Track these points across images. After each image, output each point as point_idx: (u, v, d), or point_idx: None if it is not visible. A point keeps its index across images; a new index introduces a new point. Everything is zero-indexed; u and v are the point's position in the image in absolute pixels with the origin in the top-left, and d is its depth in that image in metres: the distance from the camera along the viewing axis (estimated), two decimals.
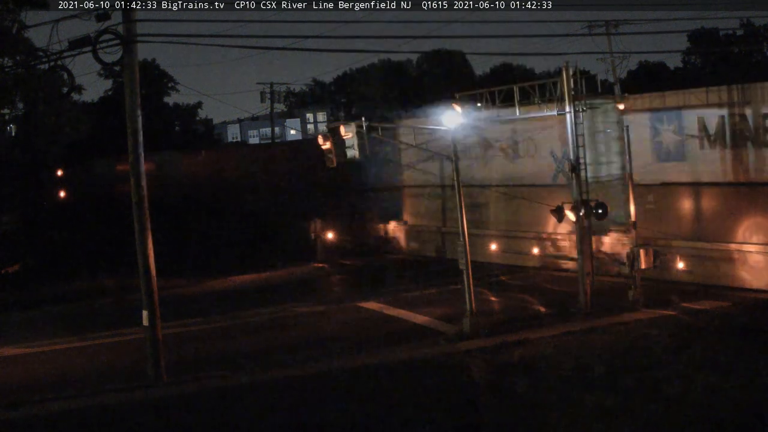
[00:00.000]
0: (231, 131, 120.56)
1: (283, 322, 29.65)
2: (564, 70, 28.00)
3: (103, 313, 33.43)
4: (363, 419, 18.56)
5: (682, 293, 28.52)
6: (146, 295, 22.22)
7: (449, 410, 18.80)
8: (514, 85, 31.07)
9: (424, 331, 26.47)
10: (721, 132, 29.80)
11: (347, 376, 22.15)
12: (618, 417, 17.38)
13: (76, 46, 21.63)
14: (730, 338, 23.10)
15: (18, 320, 32.49)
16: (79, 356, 26.22)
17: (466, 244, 25.99)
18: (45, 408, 20.62)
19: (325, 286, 37.69)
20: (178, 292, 36.57)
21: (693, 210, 31.08)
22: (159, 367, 22.16)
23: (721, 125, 29.78)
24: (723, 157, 29.86)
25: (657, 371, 20.42)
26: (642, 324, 25.22)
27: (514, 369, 21.59)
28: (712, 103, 30.10)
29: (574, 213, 27.55)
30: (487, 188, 37.96)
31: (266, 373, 22.85)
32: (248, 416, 19.34)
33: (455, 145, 26.67)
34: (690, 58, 78.00)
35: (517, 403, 18.94)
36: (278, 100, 76.01)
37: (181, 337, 27.21)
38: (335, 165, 27.23)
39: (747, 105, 29.00)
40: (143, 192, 22.29)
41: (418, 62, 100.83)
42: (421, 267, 39.37)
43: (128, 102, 22.27)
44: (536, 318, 27.02)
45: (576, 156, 27.94)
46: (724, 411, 17.42)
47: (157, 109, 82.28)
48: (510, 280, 34.59)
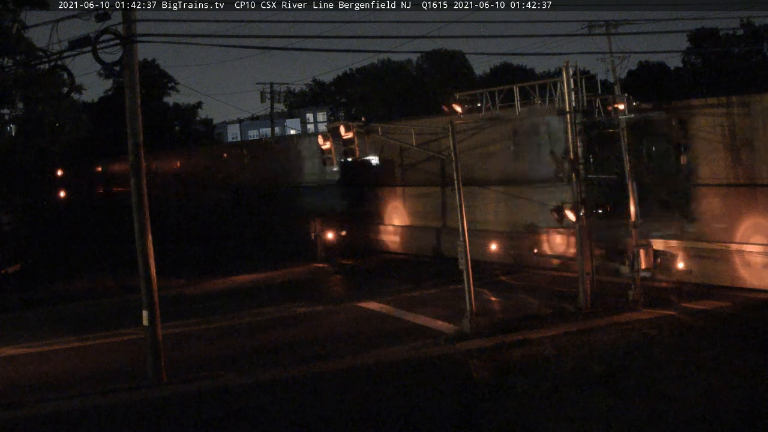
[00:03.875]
0: (231, 131, 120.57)
1: (283, 322, 29.65)
2: (564, 70, 28.01)
3: (103, 313, 33.43)
4: (363, 419, 18.57)
5: (682, 293, 28.54)
6: (146, 295, 22.22)
7: (449, 410, 18.81)
8: (514, 85, 31.07)
9: (424, 331, 26.48)
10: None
11: (347, 376, 22.15)
12: (618, 417, 17.38)
13: (76, 46, 21.63)
14: (730, 338, 23.11)
15: (18, 320, 32.48)
16: (79, 356, 26.22)
17: (466, 243, 26.01)
18: (44, 408, 20.62)
19: (325, 286, 37.68)
20: (178, 292, 36.59)
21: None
22: (159, 367, 22.15)
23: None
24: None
25: (657, 371, 20.43)
26: (642, 324, 25.21)
27: (514, 369, 21.59)
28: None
29: (573, 213, 27.55)
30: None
31: (266, 373, 22.85)
32: (248, 416, 19.34)
33: (455, 144, 26.67)
34: (690, 58, 78.00)
35: (517, 403, 18.95)
36: (278, 100, 76.02)
37: (181, 337, 27.23)
38: (335, 165, 27.25)
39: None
40: (143, 192, 22.30)
41: (418, 62, 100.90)
42: (421, 267, 39.40)
43: (128, 102, 22.27)
44: (536, 318, 27.01)
45: (576, 156, 27.92)
46: (724, 411, 17.42)
47: (157, 109, 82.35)
48: (510, 279, 34.59)
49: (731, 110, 29.46)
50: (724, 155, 29.61)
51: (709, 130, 29.79)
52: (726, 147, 29.39)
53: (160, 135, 77.13)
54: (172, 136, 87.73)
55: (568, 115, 28.03)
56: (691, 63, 78.88)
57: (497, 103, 31.31)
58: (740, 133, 29.02)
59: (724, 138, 29.45)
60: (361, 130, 26.86)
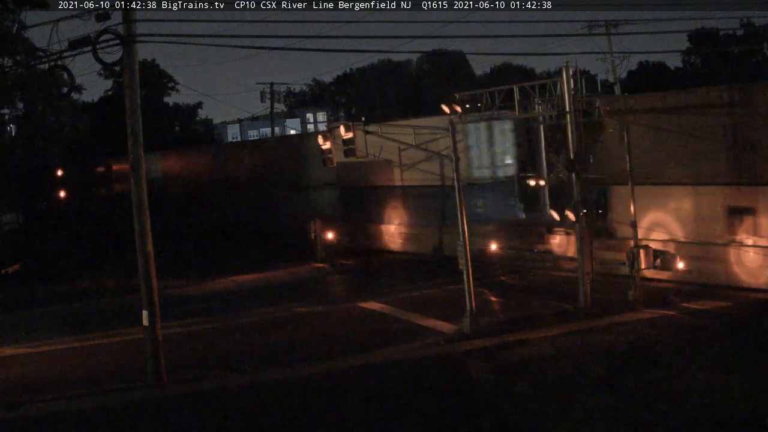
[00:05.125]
0: (231, 131, 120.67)
1: (283, 322, 29.64)
2: (564, 70, 28.00)
3: (103, 313, 33.42)
4: (362, 419, 18.57)
5: (681, 293, 28.53)
6: (146, 295, 22.20)
7: (449, 410, 18.80)
8: (514, 85, 31.06)
9: (424, 331, 26.46)
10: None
11: (347, 376, 22.15)
12: (618, 417, 17.39)
13: (76, 46, 21.63)
14: (730, 338, 23.11)
15: (18, 320, 32.47)
16: (79, 356, 26.21)
17: (467, 243, 25.99)
18: (45, 408, 20.61)
19: (325, 286, 37.68)
20: (178, 292, 36.58)
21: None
22: (159, 367, 22.14)
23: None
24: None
25: (657, 371, 20.42)
26: (642, 324, 25.21)
27: (514, 369, 21.59)
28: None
29: (573, 213, 27.55)
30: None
31: (266, 373, 22.85)
32: (248, 416, 19.34)
33: (455, 144, 26.67)
34: (690, 58, 78.05)
35: (517, 403, 18.95)
36: (278, 100, 76.23)
37: (181, 337, 27.22)
38: (335, 165, 27.27)
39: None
40: (143, 192, 22.30)
41: (418, 62, 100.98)
42: (420, 267, 39.38)
43: (128, 102, 22.26)
44: (536, 318, 26.99)
45: (576, 155, 27.91)
46: (724, 411, 17.41)
47: (157, 109, 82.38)
48: (510, 279, 34.59)
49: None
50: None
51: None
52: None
53: (160, 135, 77.12)
54: (172, 136, 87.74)
55: (568, 115, 28.03)
56: (691, 63, 78.94)
57: (497, 103, 31.33)
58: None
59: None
60: (360, 130, 26.84)
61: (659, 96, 32.47)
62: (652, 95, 33.29)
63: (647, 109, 31.65)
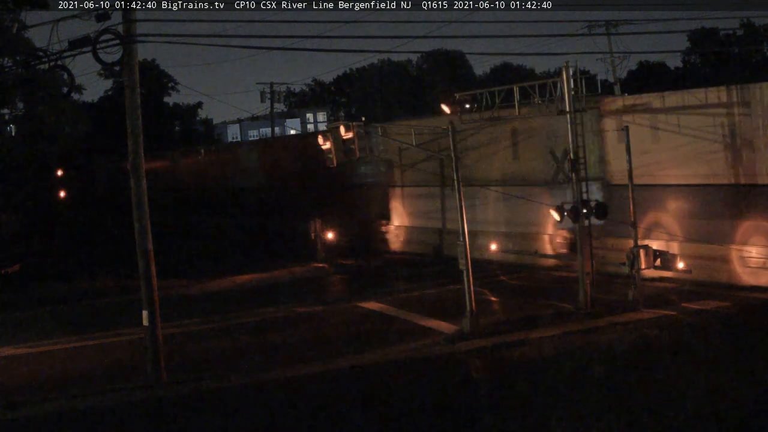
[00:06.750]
0: (231, 131, 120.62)
1: (283, 322, 29.64)
2: (564, 70, 27.99)
3: (103, 313, 33.42)
4: (362, 419, 18.56)
5: (682, 293, 28.53)
6: (146, 295, 22.20)
7: (449, 410, 18.80)
8: (514, 85, 31.06)
9: (424, 331, 26.46)
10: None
11: (347, 376, 22.14)
12: (618, 417, 17.38)
13: (76, 46, 21.62)
14: (731, 338, 23.10)
15: (18, 320, 32.46)
16: (79, 356, 26.21)
17: (466, 243, 25.99)
18: (45, 408, 20.62)
19: (325, 286, 37.68)
20: (178, 292, 36.57)
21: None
22: (159, 367, 22.14)
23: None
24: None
25: (657, 371, 20.42)
26: (642, 324, 25.20)
27: (514, 369, 21.59)
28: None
29: (573, 213, 27.53)
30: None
31: (266, 373, 22.84)
32: (248, 416, 19.33)
33: (455, 144, 26.66)
34: (690, 58, 78.06)
35: (517, 403, 18.94)
36: (278, 100, 76.10)
37: (181, 337, 27.21)
38: (335, 165, 27.26)
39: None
40: (143, 192, 22.29)
41: (418, 62, 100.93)
42: (420, 267, 39.37)
43: (128, 102, 22.27)
44: (536, 318, 26.98)
45: (576, 155, 27.91)
46: (724, 410, 17.40)
47: (157, 109, 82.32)
48: (510, 279, 34.59)
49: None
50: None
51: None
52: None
53: (160, 135, 77.10)
54: (172, 136, 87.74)
55: (568, 115, 28.02)
56: (691, 63, 78.94)
57: (497, 103, 31.33)
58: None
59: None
60: (360, 130, 26.82)
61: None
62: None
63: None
